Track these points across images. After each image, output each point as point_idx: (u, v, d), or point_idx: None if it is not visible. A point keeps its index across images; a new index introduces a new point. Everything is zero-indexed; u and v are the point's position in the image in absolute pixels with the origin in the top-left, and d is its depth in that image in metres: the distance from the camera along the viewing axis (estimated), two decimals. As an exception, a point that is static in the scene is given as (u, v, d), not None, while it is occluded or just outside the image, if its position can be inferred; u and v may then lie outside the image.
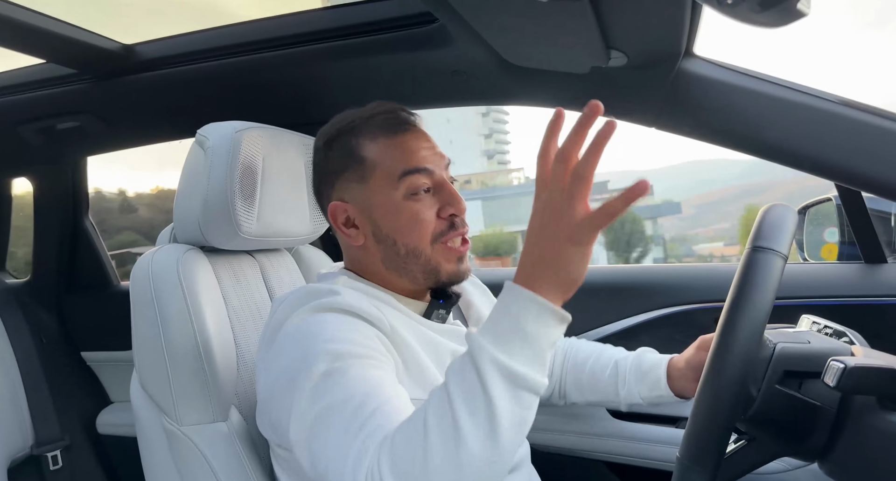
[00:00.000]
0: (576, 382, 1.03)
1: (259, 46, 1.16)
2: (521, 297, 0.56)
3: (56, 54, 1.18)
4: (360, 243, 0.81)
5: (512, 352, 0.55)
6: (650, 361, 0.97)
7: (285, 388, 0.66)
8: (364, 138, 0.80)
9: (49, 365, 1.60)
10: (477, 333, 0.57)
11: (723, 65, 0.98)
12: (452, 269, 0.81)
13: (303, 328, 0.70)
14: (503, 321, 0.56)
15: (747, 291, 0.63)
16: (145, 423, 0.92)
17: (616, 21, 0.81)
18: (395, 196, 0.78)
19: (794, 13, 0.44)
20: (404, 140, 0.80)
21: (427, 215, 0.79)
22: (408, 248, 0.79)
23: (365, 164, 0.80)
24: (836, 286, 1.24)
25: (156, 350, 0.88)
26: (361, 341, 0.67)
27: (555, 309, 0.56)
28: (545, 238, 0.56)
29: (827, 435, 0.66)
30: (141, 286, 0.91)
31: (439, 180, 0.80)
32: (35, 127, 1.43)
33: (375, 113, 0.82)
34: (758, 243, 0.65)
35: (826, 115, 0.92)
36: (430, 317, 0.84)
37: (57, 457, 1.55)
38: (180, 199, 0.98)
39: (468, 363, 0.56)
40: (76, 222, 1.69)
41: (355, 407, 0.59)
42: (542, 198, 0.57)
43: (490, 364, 0.54)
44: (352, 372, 0.63)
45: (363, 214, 0.80)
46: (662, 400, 0.94)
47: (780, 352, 0.67)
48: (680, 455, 0.65)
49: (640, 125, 1.10)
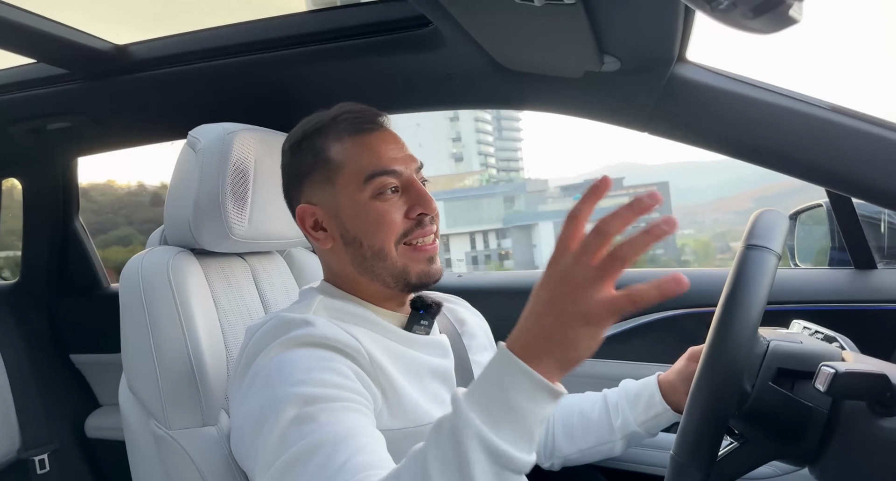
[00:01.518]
0: (566, 430, 0.97)
1: (251, 48, 1.16)
2: (514, 370, 0.50)
3: (47, 54, 1.17)
4: (329, 246, 0.80)
5: (499, 429, 0.49)
6: (637, 384, 0.94)
7: (253, 433, 0.63)
8: (330, 139, 0.79)
9: (37, 368, 1.59)
10: (463, 400, 0.51)
11: (715, 70, 0.98)
12: (422, 269, 0.79)
13: (273, 367, 0.67)
14: (492, 393, 0.50)
15: (742, 287, 0.63)
16: (134, 427, 0.91)
17: (610, 26, 0.81)
18: (362, 197, 0.77)
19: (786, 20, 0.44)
20: (371, 140, 0.79)
21: (394, 216, 0.77)
22: (373, 250, 0.77)
23: (331, 166, 0.78)
24: (826, 291, 1.25)
25: (145, 353, 0.87)
26: (335, 381, 0.65)
27: (552, 387, 0.50)
28: (555, 314, 0.49)
29: (818, 438, 0.66)
30: (130, 288, 0.90)
31: (407, 180, 0.78)
32: (26, 127, 1.42)
33: (342, 113, 0.81)
34: (751, 241, 0.65)
35: (817, 120, 0.93)
36: (412, 330, 0.82)
37: (44, 461, 1.53)
38: (171, 201, 0.97)
39: (449, 435, 0.50)
40: (66, 223, 1.68)
41: (324, 459, 0.56)
42: (559, 267, 0.50)
43: (474, 439, 0.49)
44: (322, 418, 0.60)
45: (331, 216, 0.79)
46: (660, 421, 0.90)
47: (774, 349, 0.68)
48: (674, 453, 0.65)
49: (632, 129, 1.10)
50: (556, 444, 0.97)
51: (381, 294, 0.82)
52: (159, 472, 0.88)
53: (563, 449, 0.96)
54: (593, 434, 0.94)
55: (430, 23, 1.02)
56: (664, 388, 0.90)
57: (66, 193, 1.65)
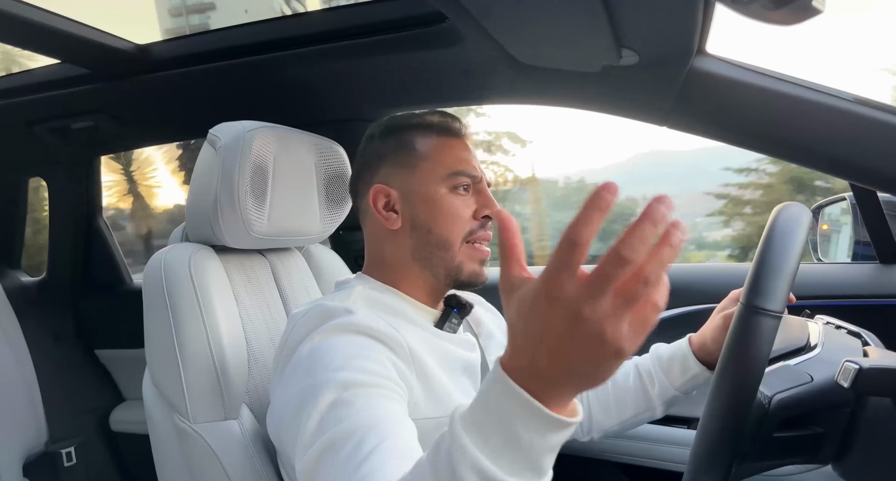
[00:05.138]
0: (601, 403, 0.99)
1: (270, 46, 1.17)
2: (516, 400, 0.42)
3: (70, 54, 1.19)
4: (396, 227, 0.83)
5: (499, 461, 0.43)
6: (669, 349, 0.95)
7: (293, 416, 0.66)
8: (419, 134, 0.85)
9: (64, 363, 1.62)
10: (459, 425, 0.44)
11: (735, 63, 0.97)
12: (474, 270, 0.83)
13: (315, 353, 0.69)
14: (491, 422, 0.43)
15: (739, 355, 0.61)
16: (157, 421, 0.93)
17: (628, 20, 0.81)
18: (439, 188, 0.82)
19: (809, 10, 0.43)
20: (455, 144, 0.85)
21: (464, 212, 0.82)
22: (440, 239, 0.81)
23: (416, 154, 0.83)
24: (850, 286, 1.23)
25: (168, 348, 0.88)
26: (372, 369, 0.67)
27: (562, 420, 0.42)
28: (579, 353, 0.39)
29: (840, 438, 0.65)
30: (153, 284, 0.91)
31: (480, 183, 0.84)
32: (50, 127, 1.45)
33: (432, 116, 0.87)
34: (753, 301, 0.61)
35: (841, 113, 0.91)
36: (443, 327, 0.84)
37: (71, 454, 1.57)
38: (192, 198, 0.98)
39: (446, 459, 0.44)
40: (90, 221, 1.71)
41: (356, 443, 0.58)
42: (568, 305, 0.39)
43: (470, 471, 0.43)
44: (358, 403, 0.62)
45: (404, 200, 0.83)
46: (697, 380, 0.90)
47: (777, 404, 0.65)
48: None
49: (651, 124, 1.09)
50: (593, 419, 1.00)
51: (424, 286, 0.84)
52: (182, 465, 0.90)
53: (603, 422, 0.99)
54: (631, 405, 0.96)
55: (446, 19, 1.01)
56: (697, 350, 0.91)
57: (90, 191, 1.68)
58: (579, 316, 0.38)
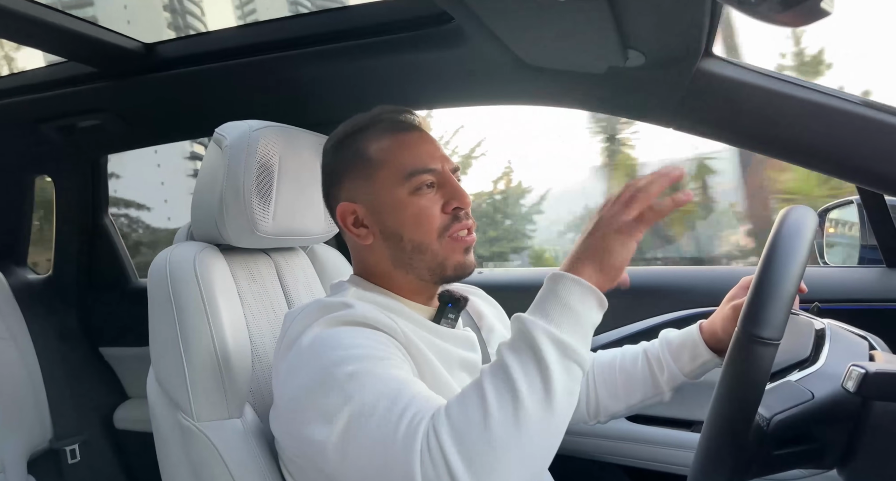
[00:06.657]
0: (609, 388, 0.97)
1: (276, 46, 1.17)
2: (566, 280, 0.61)
3: (77, 53, 1.20)
4: (369, 242, 0.82)
5: (561, 326, 0.59)
6: (679, 335, 0.93)
7: (309, 398, 0.65)
8: (370, 139, 0.82)
9: (68, 361, 1.63)
10: (525, 314, 0.61)
11: (742, 65, 0.96)
12: (458, 261, 0.81)
13: (318, 341, 0.69)
14: (550, 300, 0.61)
15: (737, 382, 0.61)
16: (161, 419, 0.93)
17: (635, 21, 0.80)
18: (401, 193, 0.79)
19: (817, 12, 0.43)
20: (409, 140, 0.82)
21: (432, 210, 0.79)
22: (413, 244, 0.79)
23: (371, 164, 0.80)
24: (857, 290, 1.22)
25: (172, 346, 0.89)
26: (380, 347, 0.68)
27: (596, 291, 0.61)
28: (596, 235, 0.63)
29: (845, 443, 0.64)
30: (158, 283, 0.92)
31: (443, 176, 0.81)
32: (56, 125, 1.46)
33: (381, 114, 0.84)
34: (750, 330, 0.59)
35: (848, 115, 0.90)
36: (440, 322, 0.84)
37: (75, 451, 1.57)
38: (198, 197, 0.99)
39: (521, 337, 0.60)
40: (96, 219, 1.72)
41: (390, 400, 0.60)
42: (608, 212, 0.65)
43: (543, 334, 0.59)
44: (378, 370, 0.63)
45: (370, 213, 0.81)
46: (707, 367, 0.89)
47: (776, 425, 0.64)
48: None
49: (657, 125, 1.09)
50: (599, 403, 0.98)
51: (413, 287, 0.83)
52: (186, 463, 0.90)
53: (610, 407, 0.97)
54: (638, 390, 0.95)
55: (452, 19, 1.01)
56: (707, 338, 0.90)
57: (96, 190, 1.69)
58: (601, 218, 0.64)
